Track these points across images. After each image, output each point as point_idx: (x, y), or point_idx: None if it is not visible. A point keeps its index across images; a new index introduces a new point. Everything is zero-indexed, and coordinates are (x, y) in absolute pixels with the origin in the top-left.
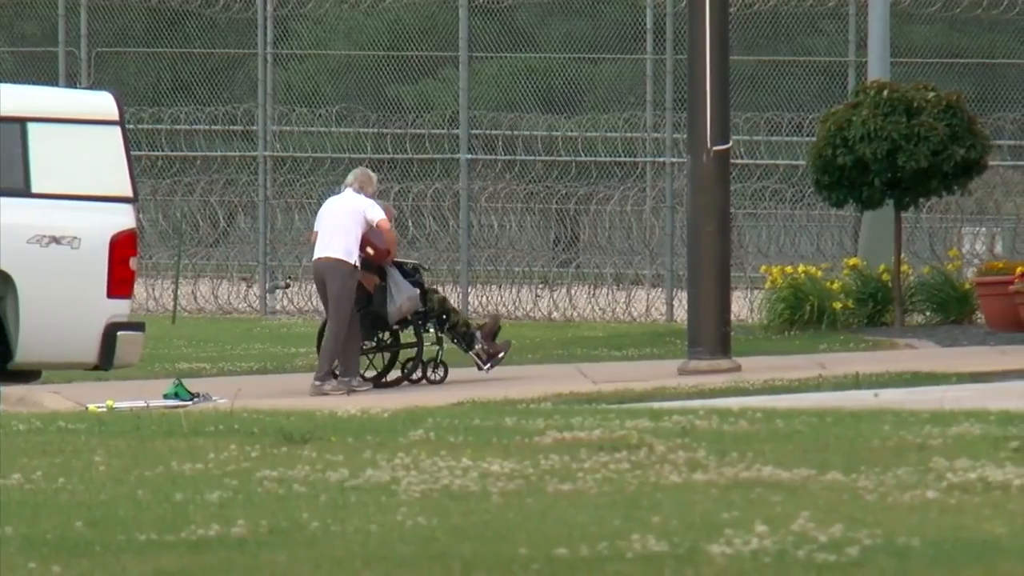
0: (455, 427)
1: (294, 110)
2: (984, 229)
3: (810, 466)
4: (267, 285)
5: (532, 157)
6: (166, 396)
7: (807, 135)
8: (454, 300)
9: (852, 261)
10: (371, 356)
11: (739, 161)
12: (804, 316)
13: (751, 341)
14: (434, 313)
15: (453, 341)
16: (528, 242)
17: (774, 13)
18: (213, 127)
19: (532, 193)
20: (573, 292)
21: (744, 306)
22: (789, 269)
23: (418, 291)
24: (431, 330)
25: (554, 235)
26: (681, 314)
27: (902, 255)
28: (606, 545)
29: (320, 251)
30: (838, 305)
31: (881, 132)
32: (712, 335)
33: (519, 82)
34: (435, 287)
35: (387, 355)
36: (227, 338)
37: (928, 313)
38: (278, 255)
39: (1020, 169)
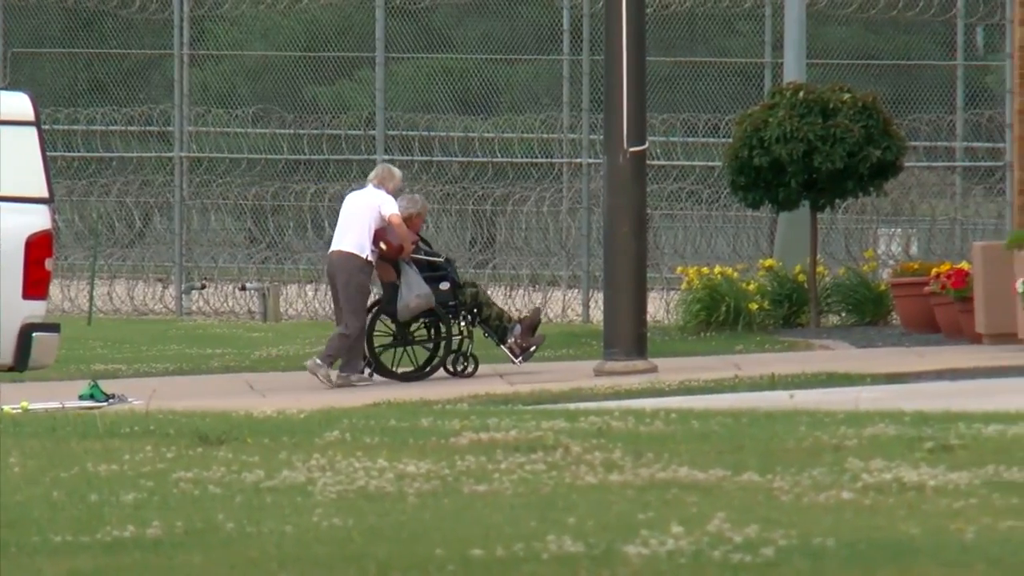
0: (371, 428)
1: (210, 111)
2: (900, 230)
3: (726, 467)
4: (183, 286)
5: (448, 158)
6: (81, 397)
7: (723, 136)
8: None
9: (768, 262)
10: (391, 350)
11: (655, 162)
12: (720, 317)
13: (667, 342)
14: (465, 307)
15: (486, 335)
16: (444, 243)
17: (690, 14)
18: (129, 128)
19: (448, 194)
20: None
21: (660, 307)
22: (705, 270)
23: (428, 290)
24: (462, 323)
25: (470, 236)
26: (597, 315)
27: (818, 256)
28: (522, 546)
29: (333, 245)
30: (754, 306)
31: (797, 133)
32: (628, 336)
33: (435, 83)
34: (472, 281)
35: (407, 349)
36: (143, 339)
37: (844, 314)
38: (194, 256)
39: (935, 170)
